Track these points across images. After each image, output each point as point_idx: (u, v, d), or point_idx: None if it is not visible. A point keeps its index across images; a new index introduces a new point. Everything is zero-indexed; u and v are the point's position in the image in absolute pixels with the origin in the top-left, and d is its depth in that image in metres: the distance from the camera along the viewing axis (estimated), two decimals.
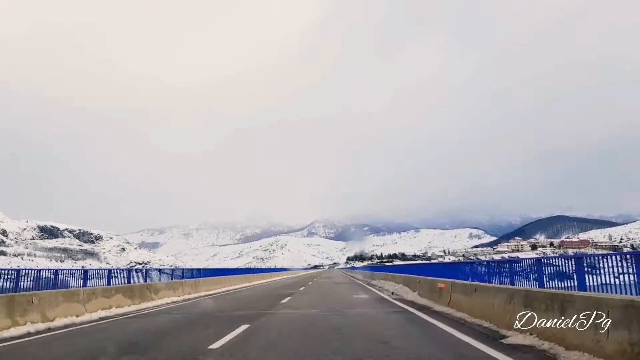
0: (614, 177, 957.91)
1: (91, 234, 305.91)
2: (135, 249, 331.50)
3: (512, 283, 9.41)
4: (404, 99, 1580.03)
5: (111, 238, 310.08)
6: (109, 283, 17.14)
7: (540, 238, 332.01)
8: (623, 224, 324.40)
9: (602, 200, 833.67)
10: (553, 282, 7.95)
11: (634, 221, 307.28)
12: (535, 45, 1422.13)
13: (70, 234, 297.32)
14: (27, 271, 12.73)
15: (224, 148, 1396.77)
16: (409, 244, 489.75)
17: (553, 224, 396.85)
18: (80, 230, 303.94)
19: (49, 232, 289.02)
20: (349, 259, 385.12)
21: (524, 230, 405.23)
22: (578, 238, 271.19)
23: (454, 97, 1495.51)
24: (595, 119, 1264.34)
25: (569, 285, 7.33)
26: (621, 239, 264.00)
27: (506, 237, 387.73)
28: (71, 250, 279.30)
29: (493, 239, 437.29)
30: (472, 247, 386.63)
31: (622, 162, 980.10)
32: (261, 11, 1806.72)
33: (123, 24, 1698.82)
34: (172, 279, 23.47)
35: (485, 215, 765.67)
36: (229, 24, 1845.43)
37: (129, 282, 18.47)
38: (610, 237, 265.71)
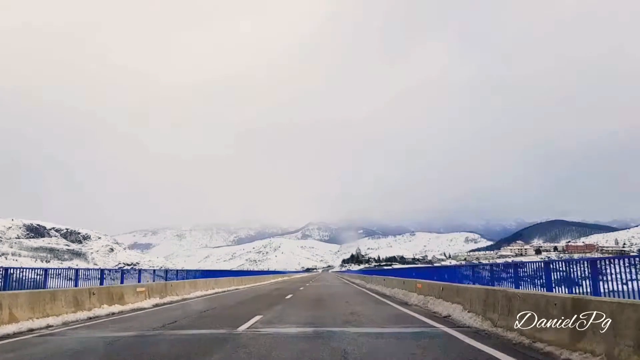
0: (608, 184, 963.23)
1: (79, 233, 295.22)
2: (125, 249, 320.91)
3: None
4: (402, 102, 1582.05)
5: (99, 238, 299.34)
6: (76, 284, 14.75)
7: (539, 242, 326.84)
8: (622, 229, 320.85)
9: (597, 206, 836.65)
10: None
11: (636, 225, 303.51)
12: (535, 47, 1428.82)
13: (57, 234, 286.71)
14: None
15: (221, 149, 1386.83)
16: (405, 247, 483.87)
17: (551, 229, 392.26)
18: (67, 229, 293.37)
19: (35, 231, 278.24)
20: (344, 261, 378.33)
21: (522, 235, 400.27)
22: (583, 242, 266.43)
23: (452, 99, 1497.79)
24: (593, 122, 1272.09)
25: None
26: (624, 243, 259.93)
27: (505, 241, 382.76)
28: (57, 250, 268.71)
29: (490, 243, 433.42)
30: (469, 251, 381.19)
31: (617, 167, 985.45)
32: (261, 12, 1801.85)
33: (122, 24, 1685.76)
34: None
35: (480, 219, 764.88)
36: (228, 24, 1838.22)
37: (101, 283, 15.62)
38: (616, 242, 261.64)
